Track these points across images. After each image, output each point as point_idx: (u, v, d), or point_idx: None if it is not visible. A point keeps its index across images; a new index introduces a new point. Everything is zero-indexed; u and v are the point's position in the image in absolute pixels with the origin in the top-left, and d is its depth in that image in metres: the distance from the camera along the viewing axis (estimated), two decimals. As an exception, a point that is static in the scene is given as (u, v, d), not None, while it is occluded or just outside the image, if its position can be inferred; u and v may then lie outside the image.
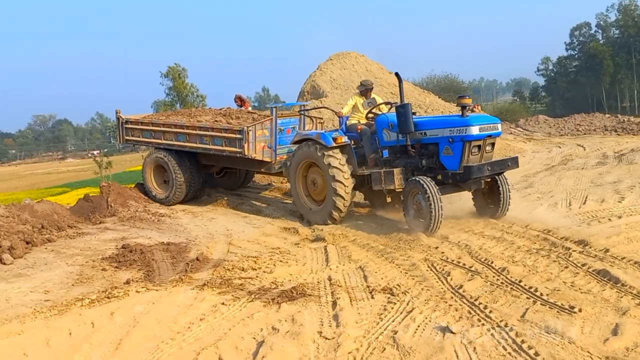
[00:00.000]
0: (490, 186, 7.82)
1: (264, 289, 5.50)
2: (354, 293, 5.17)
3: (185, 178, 11.21)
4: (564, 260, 5.60)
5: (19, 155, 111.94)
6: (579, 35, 70.86)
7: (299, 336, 4.17)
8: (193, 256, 7.19)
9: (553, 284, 4.91)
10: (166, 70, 46.69)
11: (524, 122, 28.62)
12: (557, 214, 7.95)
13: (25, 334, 4.51)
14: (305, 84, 19.55)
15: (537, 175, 12.54)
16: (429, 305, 4.68)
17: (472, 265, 5.70)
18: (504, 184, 7.69)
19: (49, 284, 6.06)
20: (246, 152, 9.97)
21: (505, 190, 7.68)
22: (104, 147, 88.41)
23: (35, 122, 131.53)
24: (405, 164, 8.03)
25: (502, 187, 7.67)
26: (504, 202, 7.67)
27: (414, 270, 5.74)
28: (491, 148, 7.58)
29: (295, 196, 9.37)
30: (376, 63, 20.96)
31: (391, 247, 6.92)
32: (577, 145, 18.74)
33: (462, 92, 43.02)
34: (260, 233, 8.65)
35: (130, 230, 9.08)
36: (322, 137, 8.54)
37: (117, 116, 12.33)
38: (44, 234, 8.30)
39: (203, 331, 4.46)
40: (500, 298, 4.70)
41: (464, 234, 7.13)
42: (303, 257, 6.81)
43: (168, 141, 11.30)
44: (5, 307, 5.25)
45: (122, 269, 6.72)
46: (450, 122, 7.43)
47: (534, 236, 6.67)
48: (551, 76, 72.65)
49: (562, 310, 4.30)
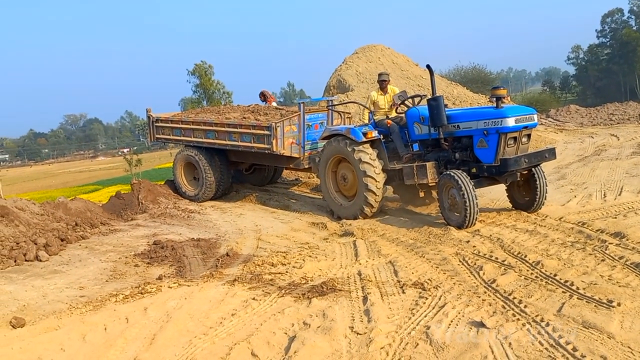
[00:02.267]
0: (527, 179, 7.60)
1: (294, 284, 5.50)
2: (385, 288, 5.13)
3: (216, 177, 11.33)
4: (600, 253, 5.45)
5: (51, 154, 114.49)
6: (611, 22, 68.81)
7: (330, 331, 4.15)
8: (223, 252, 7.25)
9: (589, 278, 4.79)
10: (193, 67, 47.15)
11: (555, 112, 28.09)
12: (591, 205, 7.75)
13: (62, 330, 4.61)
14: (331, 78, 19.52)
15: (569, 166, 12.26)
16: (461, 300, 4.61)
17: (504, 259, 5.59)
18: (541, 177, 7.46)
19: (84, 280, 6.18)
20: (274, 149, 9.98)
21: (542, 183, 7.45)
22: (134, 145, 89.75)
23: (67, 122, 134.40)
24: (437, 157, 7.91)
25: (539, 179, 7.43)
26: (541, 194, 7.45)
27: (445, 265, 5.66)
28: (527, 139, 7.39)
29: (325, 192, 9.33)
30: (402, 55, 20.80)
31: (421, 241, 6.84)
32: (611, 135, 18.28)
33: (491, 83, 42.39)
34: (288, 228, 8.66)
35: (161, 227, 9.21)
36: (352, 132, 8.47)
37: (147, 115, 12.50)
38: (78, 231, 8.47)
39: (235, 326, 4.48)
40: (535, 292, 4.60)
41: (496, 227, 7.00)
42: (332, 252, 6.79)
43: (197, 139, 11.40)
44: (42, 303, 5.38)
45: (154, 265, 6.82)
46: (485, 114, 7.26)
47: (568, 229, 6.51)
48: (582, 65, 70.81)
49: (600, 305, 4.19)
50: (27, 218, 8.33)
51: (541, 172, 7.51)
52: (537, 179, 7.44)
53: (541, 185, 7.44)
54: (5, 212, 8.08)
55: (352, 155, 8.41)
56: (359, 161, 8.30)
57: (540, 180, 7.44)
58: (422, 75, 19.46)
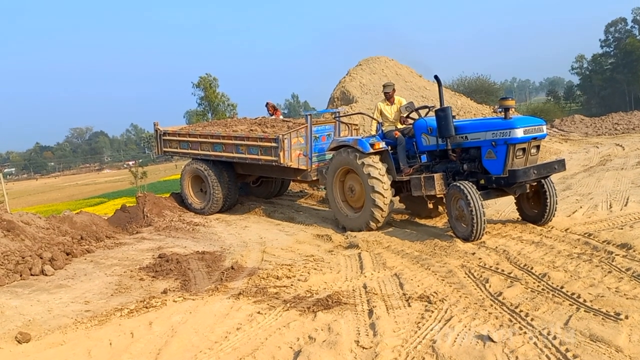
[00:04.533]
0: (536, 190, 7.52)
1: (299, 297, 5.48)
2: (390, 301, 5.11)
3: (223, 193, 11.34)
4: (607, 265, 5.41)
5: (57, 167, 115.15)
6: (615, 32, 68.93)
7: (336, 345, 4.13)
8: (228, 265, 7.25)
9: (596, 290, 4.75)
10: (198, 80, 47.41)
11: (560, 122, 28.04)
12: (597, 216, 7.71)
13: (67, 345, 4.60)
14: (335, 90, 19.57)
15: (575, 176, 12.23)
16: (467, 313, 4.58)
17: (511, 272, 5.56)
18: (551, 188, 7.36)
19: (89, 295, 6.18)
20: (282, 161, 9.99)
21: (552, 194, 7.34)
22: (139, 158, 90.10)
23: (73, 135, 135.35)
24: (445, 168, 7.90)
25: (549, 191, 7.33)
26: (551, 207, 7.34)
27: (451, 277, 5.64)
28: (536, 151, 7.32)
29: (331, 202, 9.32)
30: (406, 67, 20.85)
31: (426, 253, 6.82)
32: (616, 145, 18.23)
33: (495, 93, 42.43)
34: (293, 240, 8.65)
35: (166, 240, 9.22)
36: (360, 144, 8.46)
37: (155, 128, 12.55)
38: (83, 245, 8.48)
39: (240, 341, 4.46)
40: (542, 305, 4.56)
41: (502, 239, 6.97)
42: (337, 265, 6.78)
43: (205, 151, 11.43)
44: (47, 318, 5.37)
45: (159, 279, 6.82)
46: (493, 125, 7.21)
47: (575, 240, 6.47)
48: (586, 74, 70.81)
49: (607, 317, 4.15)
50: (32, 232, 8.35)
51: (551, 184, 7.42)
52: (547, 190, 7.34)
53: (551, 197, 7.33)
54: (11, 226, 8.11)
55: (360, 169, 8.39)
56: (367, 176, 8.27)
57: (550, 192, 7.34)
58: (426, 86, 19.50)
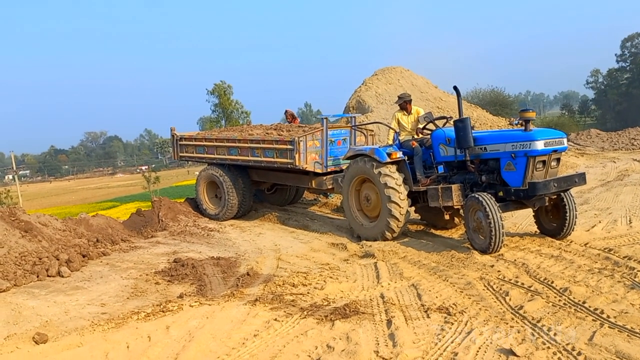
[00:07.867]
0: (555, 204, 7.43)
1: (316, 305, 5.44)
2: (409, 312, 5.05)
3: (238, 199, 11.36)
4: (629, 281, 5.32)
5: (71, 170, 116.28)
6: (631, 47, 68.40)
7: (355, 355, 4.09)
8: (243, 271, 7.23)
9: (620, 306, 4.67)
10: (212, 87, 47.80)
11: (575, 136, 27.72)
12: (617, 231, 7.60)
13: (84, 347, 4.59)
14: (350, 99, 19.57)
15: (592, 191, 12.08)
16: (488, 326, 4.52)
17: (531, 285, 5.49)
18: (571, 202, 7.26)
19: (105, 297, 6.18)
20: (297, 163, 9.97)
21: (572, 208, 7.24)
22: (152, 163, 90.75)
23: (87, 139, 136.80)
24: (463, 180, 7.82)
25: (568, 204, 7.23)
26: (570, 221, 7.24)
27: (470, 289, 5.57)
28: (557, 163, 7.23)
29: (347, 210, 9.27)
30: (421, 77, 20.81)
31: (444, 264, 6.75)
32: (633, 160, 18.00)
33: (509, 105, 42.22)
34: (308, 248, 8.62)
35: (181, 245, 9.22)
36: (377, 153, 8.42)
37: (171, 134, 12.62)
38: (99, 248, 8.51)
39: (257, 347, 4.43)
40: (565, 320, 4.50)
41: (520, 252, 6.89)
42: (353, 274, 6.73)
43: (221, 155, 11.46)
44: (64, 320, 5.38)
45: (174, 283, 6.81)
46: (513, 137, 7.13)
47: (595, 255, 6.38)
48: (601, 89, 70.29)
49: (632, 334, 4.07)
50: (49, 234, 8.40)
51: (571, 198, 7.32)
52: (567, 204, 7.24)
53: (571, 211, 7.24)
54: (29, 227, 8.16)
55: (377, 178, 8.34)
56: (384, 185, 8.22)
57: (570, 205, 7.24)
58: (442, 97, 19.45)
